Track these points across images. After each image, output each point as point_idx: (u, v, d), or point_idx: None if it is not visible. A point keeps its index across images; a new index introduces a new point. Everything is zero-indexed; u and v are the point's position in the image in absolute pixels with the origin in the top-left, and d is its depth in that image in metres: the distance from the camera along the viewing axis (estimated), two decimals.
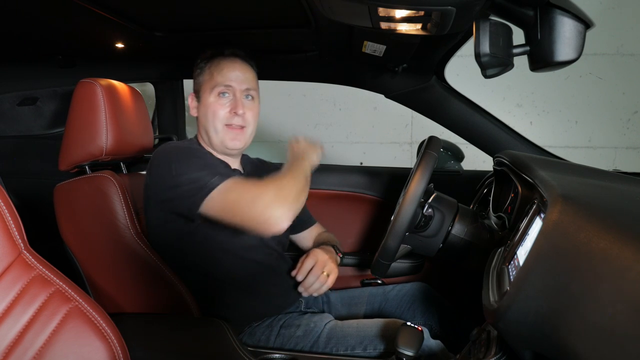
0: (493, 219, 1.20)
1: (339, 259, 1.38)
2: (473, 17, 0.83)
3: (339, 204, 1.82)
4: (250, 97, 1.30)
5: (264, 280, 1.27)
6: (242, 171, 1.37)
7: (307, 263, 1.26)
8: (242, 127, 1.28)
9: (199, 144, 1.33)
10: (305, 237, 1.52)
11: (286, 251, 1.43)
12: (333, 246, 1.40)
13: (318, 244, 1.45)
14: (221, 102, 1.26)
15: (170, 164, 1.14)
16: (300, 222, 1.48)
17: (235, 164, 1.36)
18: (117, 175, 1.25)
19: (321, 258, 1.27)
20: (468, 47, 1.05)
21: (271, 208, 1.04)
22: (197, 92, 1.32)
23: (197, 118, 1.34)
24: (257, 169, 1.43)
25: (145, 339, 1.07)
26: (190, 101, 1.34)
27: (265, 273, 1.28)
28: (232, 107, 1.26)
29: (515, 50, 0.84)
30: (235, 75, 1.27)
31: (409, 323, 1.00)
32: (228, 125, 1.26)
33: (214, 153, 1.31)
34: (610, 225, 0.53)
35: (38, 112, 1.90)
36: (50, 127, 1.91)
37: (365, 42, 1.32)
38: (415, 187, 1.11)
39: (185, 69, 1.85)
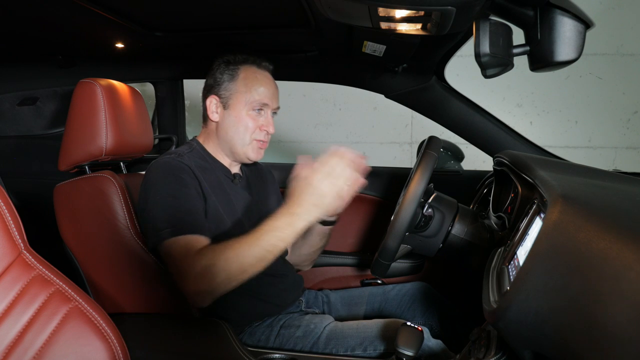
0: (493, 219, 1.20)
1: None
2: (473, 17, 0.83)
3: None
4: (274, 114, 1.34)
5: (264, 281, 1.27)
6: (241, 174, 1.37)
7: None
8: (265, 142, 1.31)
9: (202, 148, 1.31)
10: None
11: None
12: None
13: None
14: (255, 117, 1.27)
15: (146, 190, 1.16)
16: None
17: (236, 168, 1.37)
18: (117, 176, 1.25)
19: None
20: (468, 47, 1.05)
21: (193, 285, 1.02)
22: (224, 98, 1.27)
23: (213, 122, 1.29)
24: (254, 172, 1.45)
25: (145, 339, 1.07)
26: (209, 103, 1.28)
27: (265, 273, 1.27)
28: (264, 125, 1.28)
29: (515, 50, 0.84)
30: (272, 94, 1.29)
31: (409, 323, 1.00)
32: (257, 140, 1.29)
33: (222, 157, 1.32)
34: (610, 225, 0.53)
35: (38, 112, 1.90)
36: (50, 127, 1.91)
37: (365, 42, 1.32)
38: (415, 187, 1.11)
39: (185, 69, 1.86)
